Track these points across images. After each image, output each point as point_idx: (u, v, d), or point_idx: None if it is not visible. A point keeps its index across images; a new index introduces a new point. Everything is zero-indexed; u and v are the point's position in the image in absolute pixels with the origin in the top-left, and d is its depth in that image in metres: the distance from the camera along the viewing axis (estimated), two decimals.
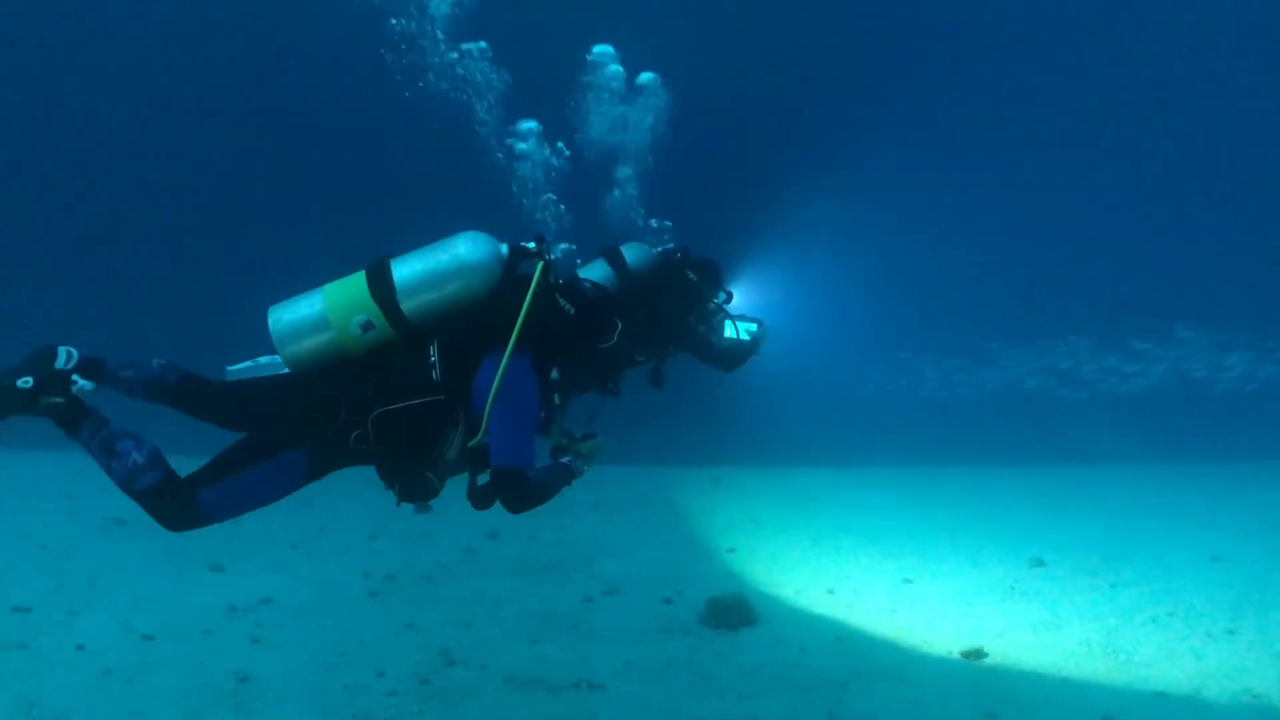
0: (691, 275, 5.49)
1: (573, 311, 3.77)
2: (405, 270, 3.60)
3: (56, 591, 7.06)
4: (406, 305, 3.57)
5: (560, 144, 7.09)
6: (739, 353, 5.74)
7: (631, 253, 5.24)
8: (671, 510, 11.50)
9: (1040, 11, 20.13)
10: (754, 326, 5.77)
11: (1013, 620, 7.14)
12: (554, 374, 3.77)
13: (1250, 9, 20.58)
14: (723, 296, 5.65)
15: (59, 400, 3.52)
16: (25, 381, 3.47)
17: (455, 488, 3.75)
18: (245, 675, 5.59)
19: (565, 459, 3.94)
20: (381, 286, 3.56)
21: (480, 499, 3.57)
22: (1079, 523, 11.19)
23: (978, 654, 6.27)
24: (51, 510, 9.81)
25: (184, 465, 3.52)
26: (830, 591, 7.97)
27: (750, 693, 5.55)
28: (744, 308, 5.85)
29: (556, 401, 3.93)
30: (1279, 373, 19.70)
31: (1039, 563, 8.88)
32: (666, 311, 5.33)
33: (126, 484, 3.44)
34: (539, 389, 3.62)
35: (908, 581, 8.32)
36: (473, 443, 3.49)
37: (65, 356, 3.62)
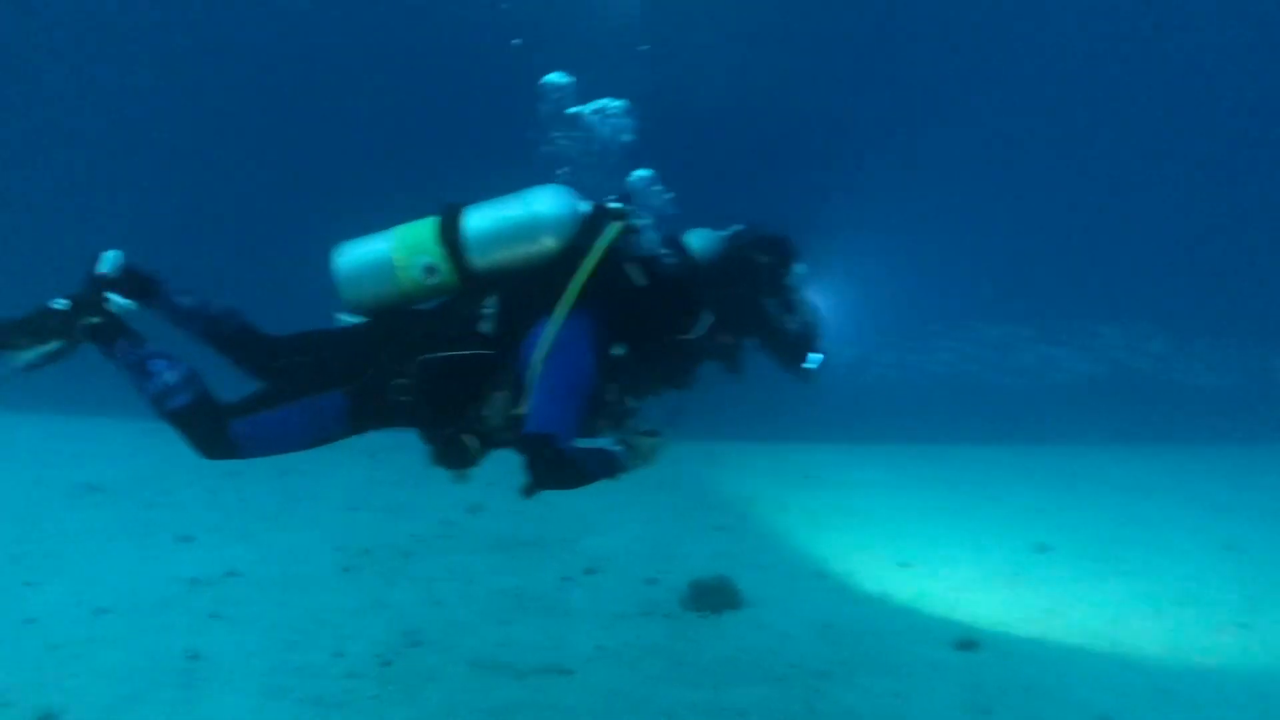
0: (763, 258, 5.07)
1: (642, 285, 3.44)
2: (478, 217, 3.43)
3: (14, 562, 6.79)
4: (472, 251, 3.40)
5: None
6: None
7: (697, 239, 4.84)
8: (664, 486, 11.15)
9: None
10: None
11: (1011, 609, 6.81)
12: (619, 350, 3.43)
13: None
14: (802, 269, 5.22)
15: (95, 320, 3.42)
16: (61, 302, 3.41)
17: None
18: (197, 653, 5.30)
19: (617, 448, 3.61)
20: (451, 229, 3.40)
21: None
22: (1084, 505, 10.85)
23: (972, 644, 5.94)
24: (19, 476, 9.56)
25: None
26: (821, 574, 7.64)
27: (726, 681, 5.23)
28: None
29: (633, 405, 3.67)
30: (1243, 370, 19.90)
31: (1043, 548, 8.55)
32: (751, 301, 4.94)
33: (158, 404, 3.35)
34: (596, 360, 3.31)
35: (904, 565, 7.98)
36: (518, 409, 3.20)
37: (112, 262, 3.55)
